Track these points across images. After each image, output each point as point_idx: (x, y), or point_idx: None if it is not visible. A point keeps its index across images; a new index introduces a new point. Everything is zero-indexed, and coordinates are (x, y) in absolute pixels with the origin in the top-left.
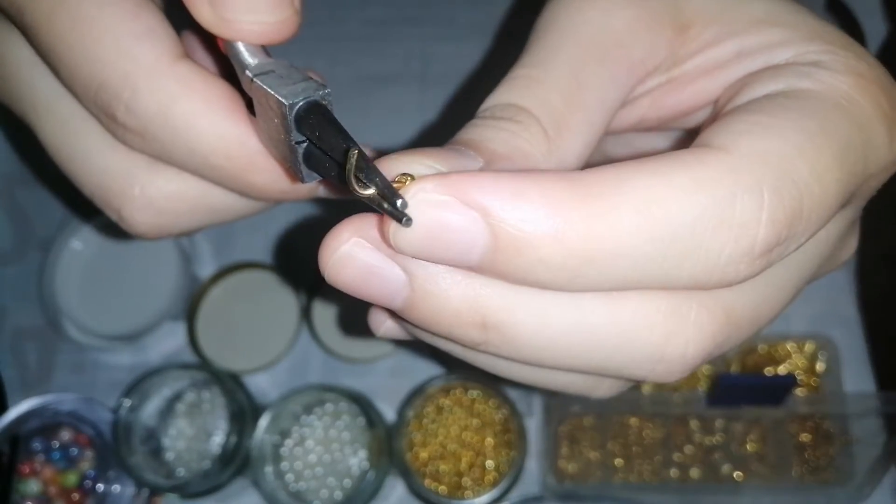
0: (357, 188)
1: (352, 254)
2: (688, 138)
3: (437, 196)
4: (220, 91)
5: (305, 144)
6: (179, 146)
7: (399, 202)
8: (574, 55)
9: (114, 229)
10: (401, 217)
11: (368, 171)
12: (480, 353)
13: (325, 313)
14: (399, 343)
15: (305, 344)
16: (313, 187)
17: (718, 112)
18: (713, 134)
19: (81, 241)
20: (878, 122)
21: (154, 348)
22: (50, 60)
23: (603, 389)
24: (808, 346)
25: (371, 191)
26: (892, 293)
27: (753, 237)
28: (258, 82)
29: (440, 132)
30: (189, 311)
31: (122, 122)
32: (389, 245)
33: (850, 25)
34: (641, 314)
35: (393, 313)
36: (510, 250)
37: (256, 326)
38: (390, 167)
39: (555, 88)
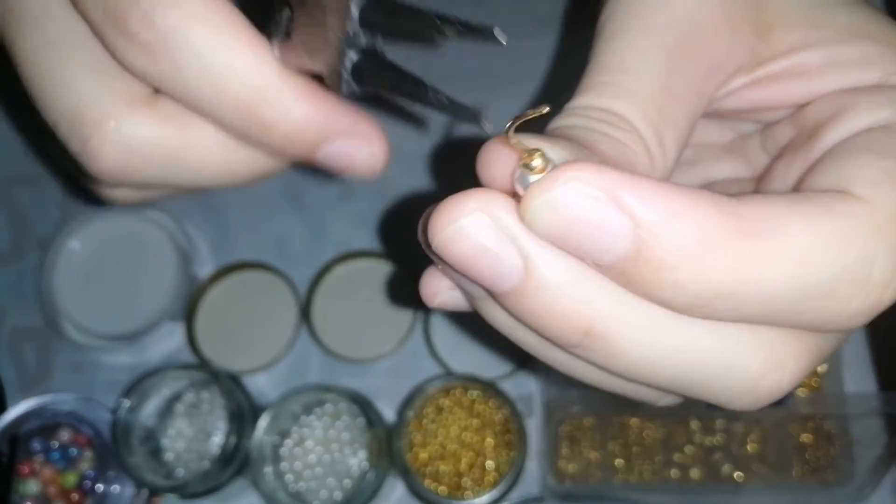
0: (515, 141)
1: (472, 228)
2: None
3: (592, 190)
4: (241, 20)
5: (356, 59)
6: (193, 64)
7: (563, 172)
8: (663, 61)
9: (114, 228)
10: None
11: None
12: (564, 353)
13: (324, 313)
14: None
15: (305, 344)
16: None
17: (813, 130)
18: (850, 178)
19: (80, 241)
20: None
21: (153, 348)
22: None
23: (669, 398)
24: None
25: (531, 147)
26: None
27: (881, 296)
28: None
29: (440, 132)
30: (188, 311)
31: (134, 30)
32: (521, 219)
33: None
34: (744, 345)
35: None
36: (649, 265)
37: (255, 326)
38: (524, 141)
39: (650, 101)
